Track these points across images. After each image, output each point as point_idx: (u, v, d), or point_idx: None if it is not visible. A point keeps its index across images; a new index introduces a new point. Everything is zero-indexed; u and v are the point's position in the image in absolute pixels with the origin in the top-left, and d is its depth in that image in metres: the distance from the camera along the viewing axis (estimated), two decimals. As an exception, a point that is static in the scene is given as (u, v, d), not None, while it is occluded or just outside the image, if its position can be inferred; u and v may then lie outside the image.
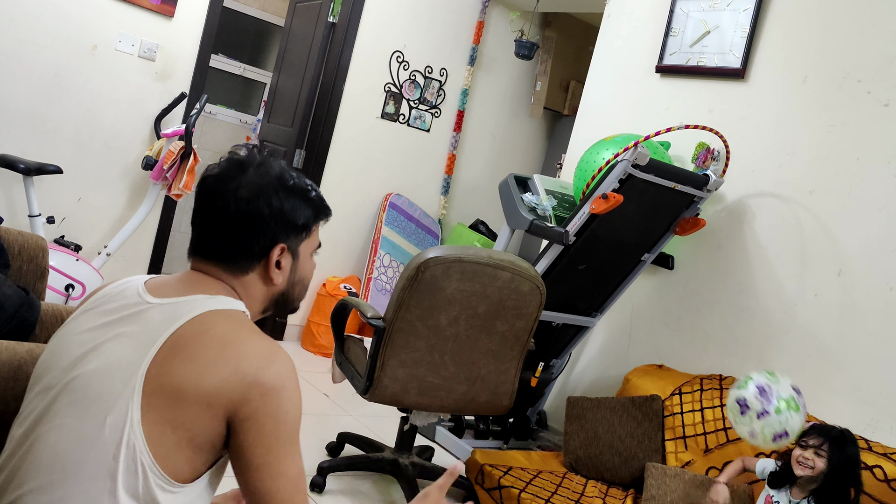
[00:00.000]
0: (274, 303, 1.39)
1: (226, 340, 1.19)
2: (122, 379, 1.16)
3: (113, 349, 1.20)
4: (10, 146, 3.71)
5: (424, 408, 2.79)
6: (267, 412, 1.18)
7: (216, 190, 1.30)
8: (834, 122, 3.07)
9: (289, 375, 1.22)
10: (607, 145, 3.30)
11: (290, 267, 1.35)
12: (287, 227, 1.32)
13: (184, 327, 1.19)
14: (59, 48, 3.78)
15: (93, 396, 1.16)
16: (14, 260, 2.37)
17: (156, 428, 1.14)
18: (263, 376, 1.18)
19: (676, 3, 3.71)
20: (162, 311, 1.22)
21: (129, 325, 1.22)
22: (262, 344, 1.22)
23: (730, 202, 3.37)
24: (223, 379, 1.16)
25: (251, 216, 1.28)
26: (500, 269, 2.64)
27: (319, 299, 4.67)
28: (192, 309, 1.22)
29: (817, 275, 3.03)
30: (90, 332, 1.24)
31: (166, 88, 4.10)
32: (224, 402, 1.16)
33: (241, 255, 1.31)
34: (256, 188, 1.29)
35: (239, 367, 1.17)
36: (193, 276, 1.31)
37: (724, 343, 3.28)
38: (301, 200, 1.33)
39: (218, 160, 1.34)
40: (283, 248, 1.32)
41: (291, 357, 1.25)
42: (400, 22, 4.74)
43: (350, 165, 4.75)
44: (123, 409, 1.14)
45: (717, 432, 2.91)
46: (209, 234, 1.31)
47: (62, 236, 3.89)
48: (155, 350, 1.17)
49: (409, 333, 2.64)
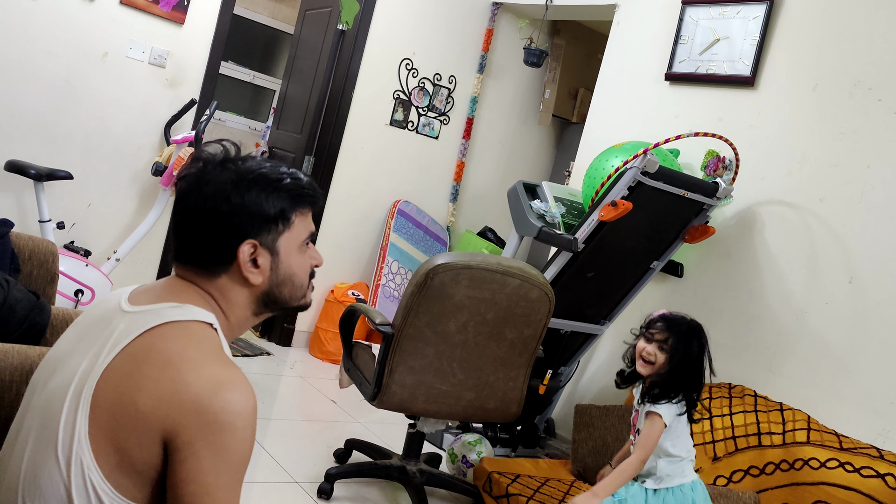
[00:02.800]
0: (263, 305, 1.27)
1: (170, 359, 1.09)
2: (74, 392, 1.09)
3: (74, 362, 1.14)
4: (22, 152, 3.73)
5: (432, 415, 2.78)
6: (206, 444, 1.06)
7: (182, 191, 1.23)
8: (844, 130, 3.06)
9: (240, 409, 1.08)
10: (616, 153, 3.30)
11: (271, 265, 1.24)
12: (255, 222, 1.21)
13: (137, 340, 1.11)
14: (71, 55, 3.81)
15: (50, 413, 1.11)
16: (24, 265, 2.38)
17: (101, 445, 1.07)
18: (207, 404, 1.06)
19: (686, 11, 3.71)
20: (127, 321, 1.15)
21: (97, 336, 1.16)
22: (212, 369, 1.10)
23: (739, 210, 3.36)
24: (158, 400, 1.06)
25: (209, 215, 1.20)
26: (509, 276, 2.64)
27: (327, 305, 4.67)
28: (152, 319, 1.14)
29: (828, 283, 3.01)
30: (68, 344, 1.21)
31: (176, 95, 4.12)
32: (157, 426, 1.06)
33: (209, 256, 1.22)
34: (218, 185, 1.20)
35: (178, 389, 1.06)
36: (173, 282, 1.24)
37: (734, 351, 3.26)
38: (267, 191, 1.22)
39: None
40: (255, 244, 1.21)
41: (302, 367, 1.19)
42: (409, 29, 4.75)
43: (359, 172, 4.76)
44: (72, 424, 1.08)
45: (725, 441, 2.90)
46: (180, 237, 1.24)
47: (72, 242, 3.91)
48: (107, 362, 1.10)
49: (418, 340, 2.64)
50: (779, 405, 2.92)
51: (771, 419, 2.87)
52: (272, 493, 2.80)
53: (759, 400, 2.98)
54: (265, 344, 4.68)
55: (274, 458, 3.05)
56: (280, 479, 2.91)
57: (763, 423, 2.87)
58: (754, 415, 2.92)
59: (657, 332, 2.27)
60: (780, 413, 2.88)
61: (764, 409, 2.92)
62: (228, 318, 1.25)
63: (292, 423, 3.62)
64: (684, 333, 2.26)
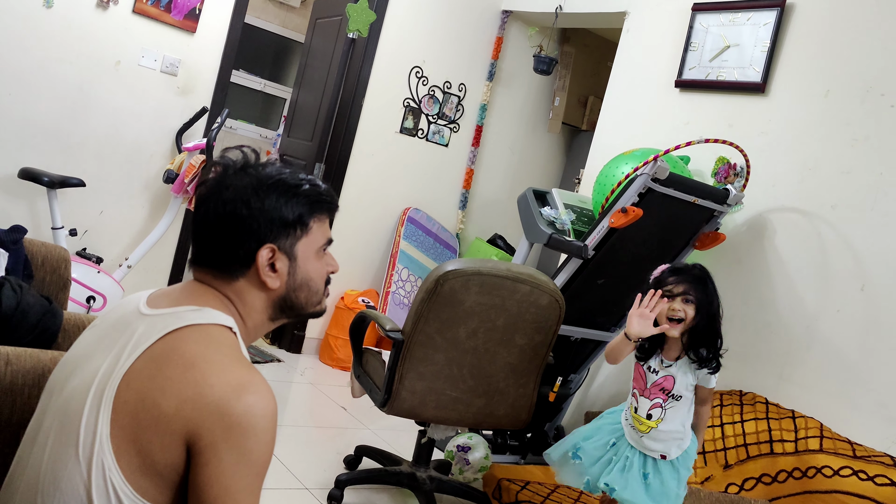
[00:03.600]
0: (280, 310, 1.29)
1: (192, 362, 1.10)
2: (95, 394, 1.10)
3: (94, 364, 1.15)
4: (35, 160, 3.76)
5: (442, 421, 2.78)
6: (229, 447, 1.07)
7: (203, 196, 1.25)
8: (857, 137, 3.05)
9: (262, 412, 1.09)
10: (626, 159, 3.30)
11: (288, 269, 1.26)
12: (274, 227, 1.23)
13: (158, 343, 1.12)
14: (84, 64, 3.84)
15: (70, 414, 1.12)
16: (37, 271, 2.39)
17: (123, 446, 1.07)
18: (229, 407, 1.07)
19: (696, 17, 3.71)
20: (147, 323, 1.16)
21: (117, 339, 1.17)
22: (234, 371, 1.11)
23: (750, 216, 3.35)
24: (181, 402, 1.07)
25: (229, 218, 1.22)
26: (520, 283, 2.64)
27: (338, 313, 4.67)
28: (173, 322, 1.15)
29: (840, 290, 3.00)
30: (87, 346, 1.22)
31: (188, 103, 4.14)
32: (180, 429, 1.06)
33: (228, 260, 1.24)
34: (237, 190, 1.23)
35: (201, 392, 1.07)
36: (191, 285, 1.26)
37: (745, 359, 3.24)
38: (286, 196, 1.24)
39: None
40: (273, 249, 1.23)
41: (309, 377, 1.20)
42: (419, 38, 4.77)
43: (369, 180, 4.77)
44: (93, 425, 1.08)
45: (737, 448, 2.88)
46: (200, 242, 1.26)
47: (84, 249, 3.93)
48: (129, 364, 1.11)
49: (428, 346, 2.64)
50: (791, 412, 2.90)
51: (783, 426, 2.85)
52: (283, 500, 2.80)
53: (771, 407, 2.96)
54: (276, 351, 4.69)
55: (284, 465, 3.06)
56: (290, 486, 2.91)
57: (775, 430, 2.85)
58: (766, 422, 2.90)
59: (674, 285, 2.21)
60: (792, 420, 2.86)
61: (776, 417, 2.90)
62: (246, 322, 1.26)
63: (303, 429, 3.62)
64: (699, 278, 2.22)
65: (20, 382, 1.41)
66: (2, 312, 1.74)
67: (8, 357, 1.43)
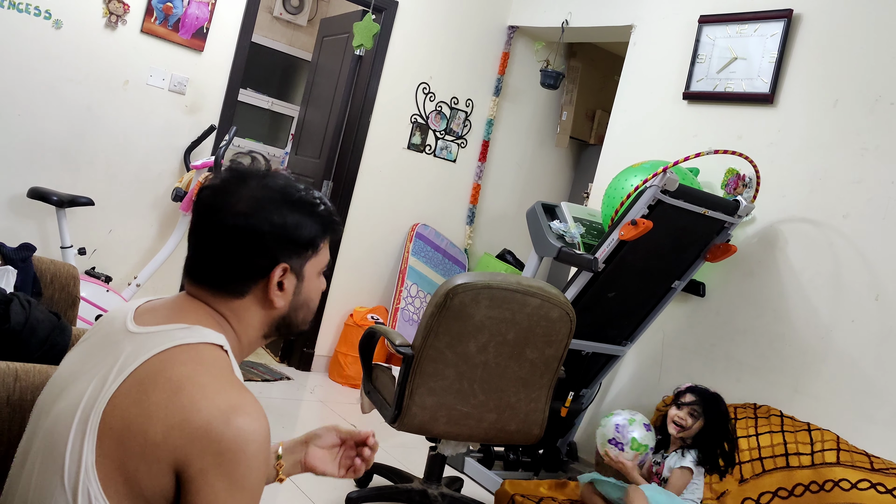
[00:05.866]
0: (275, 328, 1.25)
1: (180, 385, 1.04)
2: (80, 419, 1.05)
3: (80, 386, 1.10)
4: (44, 179, 3.78)
5: (453, 437, 2.75)
6: (220, 474, 1.02)
7: (212, 204, 1.18)
8: (867, 146, 3.03)
9: (253, 435, 1.04)
10: (635, 172, 3.28)
11: (294, 289, 1.22)
12: (290, 246, 1.19)
13: (145, 364, 1.07)
14: (93, 84, 3.86)
15: (56, 439, 1.07)
16: (46, 288, 2.39)
17: (109, 474, 1.03)
18: (219, 431, 1.02)
19: (703, 30, 3.71)
20: (135, 342, 1.11)
21: (104, 358, 1.12)
22: (223, 394, 1.06)
23: (761, 227, 3.33)
24: (168, 428, 1.02)
25: (248, 233, 1.15)
26: (530, 296, 2.62)
27: (347, 329, 4.66)
28: (161, 342, 1.09)
29: (854, 300, 2.97)
30: (73, 365, 1.17)
31: (196, 121, 4.16)
32: (168, 456, 1.02)
33: (237, 276, 1.18)
34: (256, 202, 1.17)
35: (189, 417, 1.02)
36: (182, 300, 1.20)
37: (759, 371, 3.21)
38: (306, 215, 1.20)
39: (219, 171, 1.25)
40: (286, 268, 1.19)
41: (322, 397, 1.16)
42: (425, 54, 4.78)
43: (377, 196, 4.77)
44: (78, 452, 1.04)
45: (752, 462, 2.84)
46: (204, 255, 1.19)
47: (93, 268, 3.94)
48: (115, 387, 1.05)
49: (438, 361, 2.62)
50: (806, 425, 2.87)
51: (798, 439, 2.81)
52: (292, 518, 2.78)
53: (786, 420, 2.93)
54: (285, 369, 4.67)
55: (294, 483, 3.03)
56: (300, 504, 2.89)
57: (790, 443, 2.81)
58: (781, 435, 2.86)
59: (687, 399, 2.67)
60: (807, 433, 2.82)
61: (791, 430, 2.87)
62: (241, 339, 1.22)
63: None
64: (711, 398, 2.67)
65: (29, 398, 1.40)
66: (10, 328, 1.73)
67: (17, 373, 1.41)
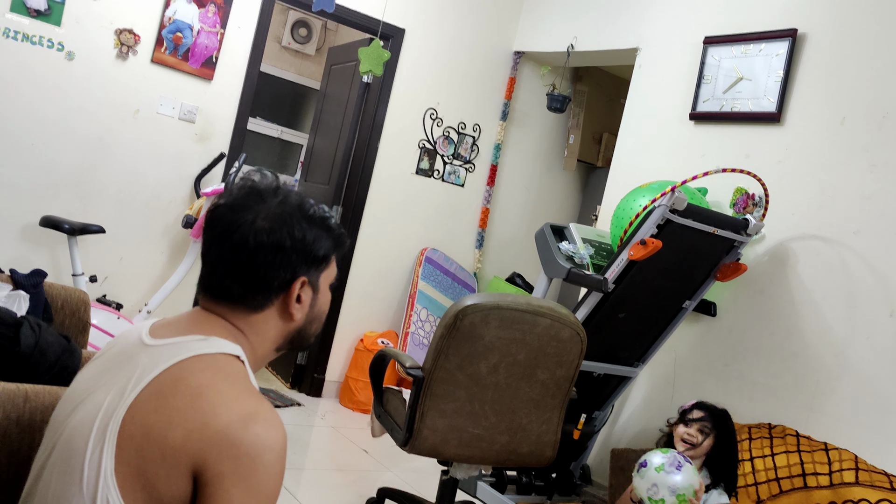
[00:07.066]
0: (289, 341, 1.28)
1: (199, 391, 1.07)
2: (99, 428, 1.07)
3: (97, 398, 1.12)
4: (56, 207, 3.81)
5: (465, 460, 2.73)
6: (236, 479, 1.03)
7: (232, 221, 1.19)
8: (876, 162, 3.02)
9: (271, 442, 1.06)
10: (644, 192, 3.28)
11: (311, 301, 1.26)
12: (308, 259, 1.22)
13: (164, 373, 1.09)
14: (104, 113, 3.90)
15: (73, 450, 1.09)
16: (57, 314, 2.40)
17: (128, 481, 1.04)
18: (237, 436, 1.04)
19: (708, 51, 3.72)
20: (152, 354, 1.13)
21: (121, 370, 1.14)
22: (243, 401, 1.08)
23: (771, 246, 3.32)
24: (188, 432, 1.04)
25: (273, 248, 1.18)
26: (540, 316, 2.61)
27: (357, 355, 4.64)
28: (178, 352, 1.12)
29: (868, 317, 2.94)
30: (88, 381, 1.19)
31: (205, 149, 4.19)
32: (187, 460, 1.03)
33: (258, 291, 1.20)
34: (278, 217, 1.19)
35: (208, 421, 1.04)
36: (198, 314, 1.22)
37: (773, 390, 3.18)
38: (322, 230, 1.24)
39: (228, 188, 1.25)
40: (304, 281, 1.23)
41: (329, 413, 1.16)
42: (432, 80, 4.82)
43: (386, 221, 4.78)
44: (97, 460, 1.05)
45: (769, 482, 2.81)
46: (224, 271, 1.20)
47: (104, 295, 3.95)
48: (133, 396, 1.08)
49: (449, 383, 2.60)
50: (823, 445, 2.83)
51: (816, 459, 2.78)
52: (304, 544, 2.75)
53: (802, 440, 2.89)
54: (295, 395, 4.66)
55: (305, 509, 3.01)
56: (312, 530, 2.86)
57: (807, 463, 2.78)
58: (797, 455, 2.83)
59: (695, 416, 2.62)
60: (825, 453, 2.79)
61: (808, 450, 2.83)
62: (256, 351, 1.24)
63: (324, 472, 3.57)
64: (720, 414, 2.63)
65: (39, 419, 1.40)
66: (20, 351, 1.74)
67: (27, 394, 1.42)
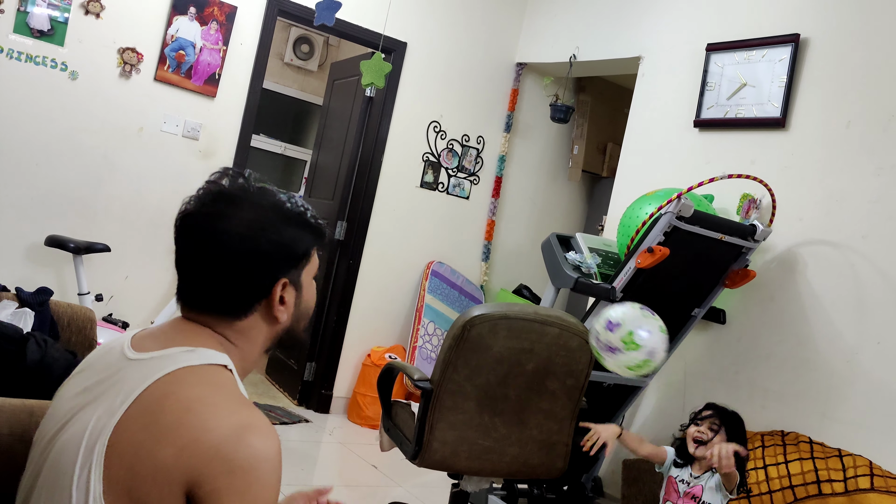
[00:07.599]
0: (278, 342, 1.24)
1: (188, 406, 1.03)
2: (86, 450, 1.03)
3: (83, 417, 1.07)
4: (61, 227, 3.81)
5: (476, 472, 2.70)
6: (233, 494, 1.00)
7: (205, 230, 1.15)
8: (882, 166, 3.00)
9: (266, 453, 1.03)
10: (650, 200, 3.27)
11: (295, 301, 1.21)
12: (289, 259, 1.18)
13: (151, 388, 1.05)
14: (108, 132, 3.91)
15: (61, 473, 1.04)
16: (63, 331, 2.39)
17: (118, 503, 1.01)
18: (231, 451, 1.00)
19: (710, 58, 3.72)
20: (136, 368, 1.09)
21: (105, 388, 1.09)
22: (235, 413, 1.04)
23: (779, 252, 3.29)
24: (179, 450, 1.00)
25: (250, 255, 1.14)
26: (548, 325, 2.59)
27: (364, 370, 4.62)
28: (165, 366, 1.08)
29: (879, 321, 2.91)
30: (74, 398, 1.14)
31: (209, 166, 4.19)
32: (180, 478, 0.99)
33: (240, 298, 1.16)
34: (254, 224, 1.15)
35: (199, 438, 1.00)
36: (181, 324, 1.18)
37: (784, 397, 3.15)
38: (300, 227, 1.20)
39: (195, 193, 1.19)
40: (286, 282, 1.18)
41: (337, 427, 1.13)
42: (435, 93, 4.82)
43: (391, 235, 4.77)
44: (85, 483, 1.01)
45: (783, 490, 2.77)
46: (203, 281, 1.17)
47: (110, 314, 3.94)
48: (119, 415, 1.03)
49: (458, 394, 2.58)
50: (837, 451, 2.80)
51: (830, 466, 2.74)
52: (314, 561, 2.72)
53: (815, 446, 2.86)
54: (303, 411, 4.63)
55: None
56: (322, 546, 2.83)
57: (822, 470, 2.74)
58: (811, 462, 2.79)
59: (705, 414, 2.61)
60: (839, 459, 2.75)
61: (821, 456, 2.80)
62: (245, 358, 1.20)
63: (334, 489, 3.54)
64: (730, 413, 2.61)
65: (45, 435, 1.39)
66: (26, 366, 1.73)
67: (32, 409, 1.40)
